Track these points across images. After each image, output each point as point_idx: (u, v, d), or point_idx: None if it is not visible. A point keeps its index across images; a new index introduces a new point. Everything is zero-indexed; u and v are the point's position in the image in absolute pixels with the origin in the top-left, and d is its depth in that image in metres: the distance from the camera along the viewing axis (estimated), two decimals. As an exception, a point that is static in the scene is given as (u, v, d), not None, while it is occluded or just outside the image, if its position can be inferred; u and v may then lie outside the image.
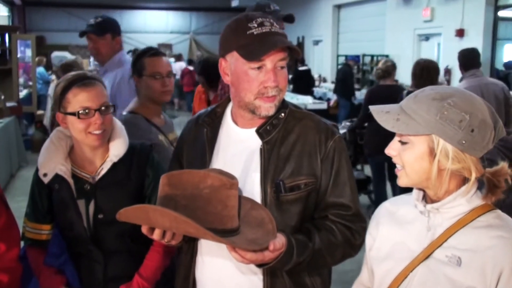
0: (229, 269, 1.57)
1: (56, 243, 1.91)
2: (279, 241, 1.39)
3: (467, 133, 1.25)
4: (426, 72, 4.67)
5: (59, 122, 1.87)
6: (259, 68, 1.51)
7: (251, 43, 1.49)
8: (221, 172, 1.37)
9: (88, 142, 1.83)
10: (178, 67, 14.87)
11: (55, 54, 11.18)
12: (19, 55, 9.94)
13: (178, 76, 14.99)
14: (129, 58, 3.56)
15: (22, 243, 1.95)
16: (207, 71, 4.31)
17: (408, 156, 1.32)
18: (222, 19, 17.97)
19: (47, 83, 10.45)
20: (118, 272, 1.90)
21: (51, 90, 8.21)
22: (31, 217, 1.95)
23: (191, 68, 14.08)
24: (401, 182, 1.36)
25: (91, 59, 13.28)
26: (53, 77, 8.60)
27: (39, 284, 1.88)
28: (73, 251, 1.91)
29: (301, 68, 11.72)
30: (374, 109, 1.37)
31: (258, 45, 1.48)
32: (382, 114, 1.34)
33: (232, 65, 1.56)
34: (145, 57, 2.60)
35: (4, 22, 16.70)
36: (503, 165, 1.31)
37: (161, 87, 2.57)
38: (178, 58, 15.93)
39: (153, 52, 2.63)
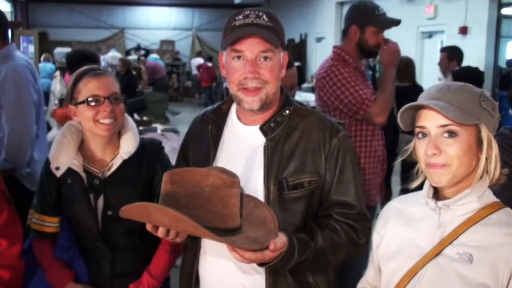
0: (231, 268, 1.56)
1: (65, 237, 1.91)
2: (280, 241, 1.38)
3: (496, 120, 1.31)
4: (409, 69, 5.48)
5: (71, 116, 1.88)
6: (239, 58, 1.51)
7: (230, 33, 1.51)
8: (223, 171, 1.36)
9: (97, 131, 1.84)
10: (196, 62, 15.27)
11: (58, 50, 11.17)
12: (21, 51, 9.94)
13: (195, 72, 15.37)
14: (19, 53, 3.15)
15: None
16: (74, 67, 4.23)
17: (457, 150, 1.28)
18: (225, 16, 17.92)
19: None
20: (125, 269, 1.90)
21: (53, 87, 8.21)
22: (38, 208, 1.94)
23: (210, 64, 14.48)
24: (444, 180, 1.31)
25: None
26: (57, 73, 8.58)
27: (47, 278, 1.88)
28: (81, 246, 1.91)
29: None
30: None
31: (233, 34, 1.50)
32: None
33: (224, 59, 1.58)
34: None
35: (7, 17, 16.68)
36: (501, 171, 1.34)
37: None
38: (198, 54, 16.17)
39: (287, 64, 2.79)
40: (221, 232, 1.31)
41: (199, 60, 15.77)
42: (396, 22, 2.90)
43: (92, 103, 1.81)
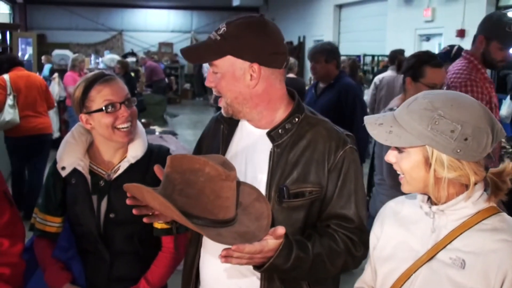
0: (228, 268, 1.56)
1: (66, 237, 1.91)
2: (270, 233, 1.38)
3: (461, 142, 1.24)
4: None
5: (83, 124, 1.87)
6: None
7: None
8: (222, 162, 1.37)
9: (116, 138, 1.84)
10: None
11: (56, 52, 11.17)
12: (20, 53, 9.95)
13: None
14: None
15: (30, 234, 1.96)
16: None
17: (406, 165, 1.33)
18: (223, 18, 17.80)
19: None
20: (124, 273, 1.89)
21: (51, 88, 8.21)
22: (42, 208, 1.95)
23: None
24: (404, 189, 1.37)
25: (92, 57, 13.29)
26: (55, 75, 8.59)
27: (44, 278, 1.89)
28: (81, 248, 1.91)
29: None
30: (368, 121, 1.36)
31: None
32: (375, 126, 1.34)
33: None
34: (428, 66, 2.78)
35: (5, 20, 16.68)
36: (506, 164, 1.30)
37: None
38: None
39: (436, 63, 2.80)
40: (210, 223, 1.33)
41: None
42: None
43: (110, 110, 1.80)
